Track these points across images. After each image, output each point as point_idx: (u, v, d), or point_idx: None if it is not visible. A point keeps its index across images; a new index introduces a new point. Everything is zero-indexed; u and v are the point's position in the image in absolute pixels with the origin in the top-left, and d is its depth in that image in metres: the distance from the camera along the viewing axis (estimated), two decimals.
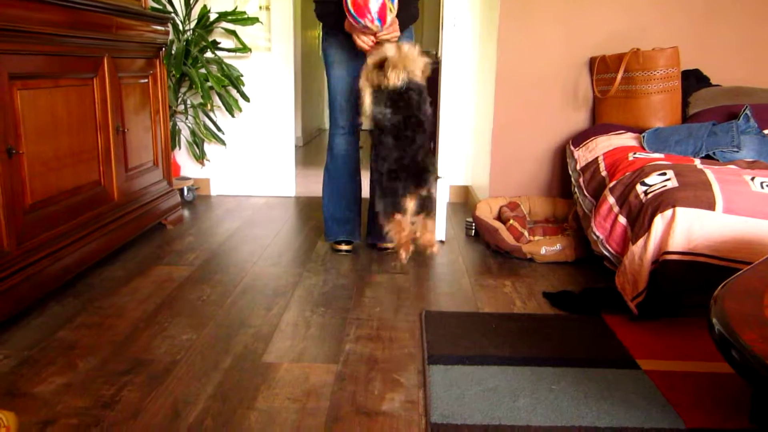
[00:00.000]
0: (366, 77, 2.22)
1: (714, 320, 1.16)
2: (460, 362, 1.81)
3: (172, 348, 1.89)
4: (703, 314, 2.15)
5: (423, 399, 1.64)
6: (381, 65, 2.17)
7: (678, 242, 2.00)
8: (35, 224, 2.14)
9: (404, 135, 2.13)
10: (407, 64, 2.13)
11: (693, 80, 3.07)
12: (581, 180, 2.72)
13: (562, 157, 3.28)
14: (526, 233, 2.88)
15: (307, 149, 6.30)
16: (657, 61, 2.88)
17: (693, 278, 2.01)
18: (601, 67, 3.09)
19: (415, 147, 2.12)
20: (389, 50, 2.17)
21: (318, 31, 2.76)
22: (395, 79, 2.11)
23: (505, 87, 3.26)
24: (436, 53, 6.61)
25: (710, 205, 2.02)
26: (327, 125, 2.69)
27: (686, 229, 2.00)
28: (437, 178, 2.27)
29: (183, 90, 3.78)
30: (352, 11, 2.33)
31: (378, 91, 2.17)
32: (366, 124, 2.32)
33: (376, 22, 2.34)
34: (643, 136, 2.68)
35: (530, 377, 1.74)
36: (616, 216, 2.28)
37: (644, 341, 1.99)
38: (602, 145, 2.76)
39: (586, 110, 3.27)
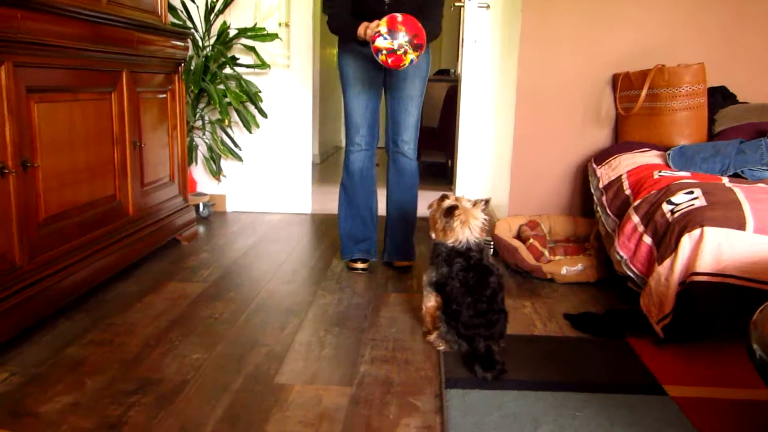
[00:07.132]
0: (433, 220, 2.13)
1: (755, 346, 1.09)
2: (478, 386, 1.75)
3: (183, 367, 1.85)
4: (733, 337, 2.07)
5: (440, 425, 1.57)
6: (448, 212, 2.04)
7: (706, 263, 1.93)
8: (49, 239, 2.12)
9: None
10: (470, 220, 2.03)
11: (719, 97, 2.99)
12: (604, 198, 2.65)
13: (583, 175, 3.21)
14: (546, 253, 2.81)
15: (324, 167, 6.28)
16: (682, 77, 2.82)
17: (722, 300, 1.93)
18: (624, 84, 3.03)
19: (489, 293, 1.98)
20: (461, 202, 2.07)
21: (336, 48, 2.75)
22: (460, 233, 2.01)
23: (526, 104, 3.20)
24: (455, 70, 6.59)
25: (740, 225, 1.94)
26: (344, 143, 2.64)
27: (715, 250, 1.93)
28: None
29: (201, 106, 3.77)
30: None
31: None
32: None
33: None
34: (669, 154, 2.61)
35: (552, 403, 1.67)
36: (641, 235, 2.21)
37: (671, 366, 1.91)
38: (626, 163, 2.69)
39: (609, 128, 3.20)
